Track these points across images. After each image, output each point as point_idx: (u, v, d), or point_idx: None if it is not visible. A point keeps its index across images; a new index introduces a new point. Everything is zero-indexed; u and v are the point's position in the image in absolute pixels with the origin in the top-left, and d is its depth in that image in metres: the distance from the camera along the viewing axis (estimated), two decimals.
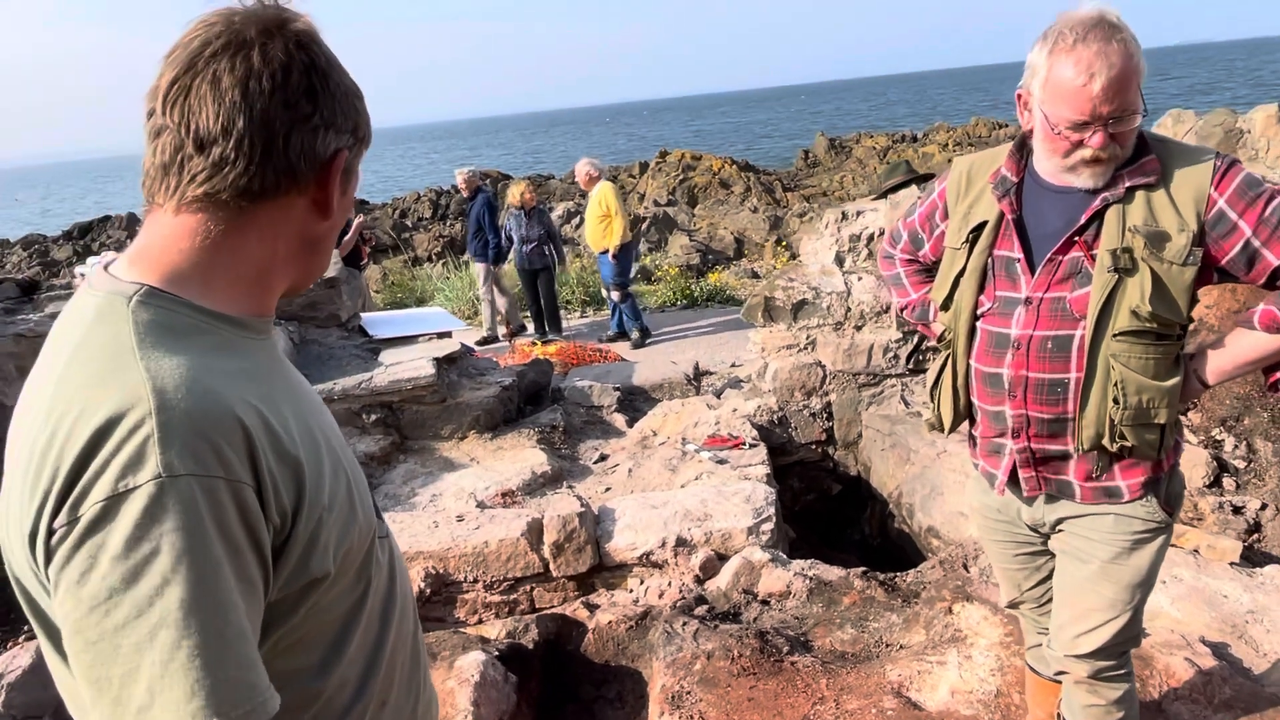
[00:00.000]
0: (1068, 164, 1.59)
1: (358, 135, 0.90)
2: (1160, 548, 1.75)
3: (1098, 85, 1.48)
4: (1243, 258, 1.56)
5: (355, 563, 0.88)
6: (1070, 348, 1.63)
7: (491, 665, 2.77)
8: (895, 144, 27.53)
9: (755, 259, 14.63)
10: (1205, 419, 3.55)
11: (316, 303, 5.25)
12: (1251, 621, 2.72)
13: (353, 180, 0.93)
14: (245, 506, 0.72)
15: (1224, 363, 1.66)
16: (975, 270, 1.74)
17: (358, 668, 0.90)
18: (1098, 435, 1.64)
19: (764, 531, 3.60)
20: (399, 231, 20.09)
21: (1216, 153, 1.61)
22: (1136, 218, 1.57)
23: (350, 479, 0.89)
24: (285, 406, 0.83)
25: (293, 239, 0.88)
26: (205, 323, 0.81)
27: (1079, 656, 1.81)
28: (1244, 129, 5.27)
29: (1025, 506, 1.85)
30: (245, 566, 0.72)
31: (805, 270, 5.10)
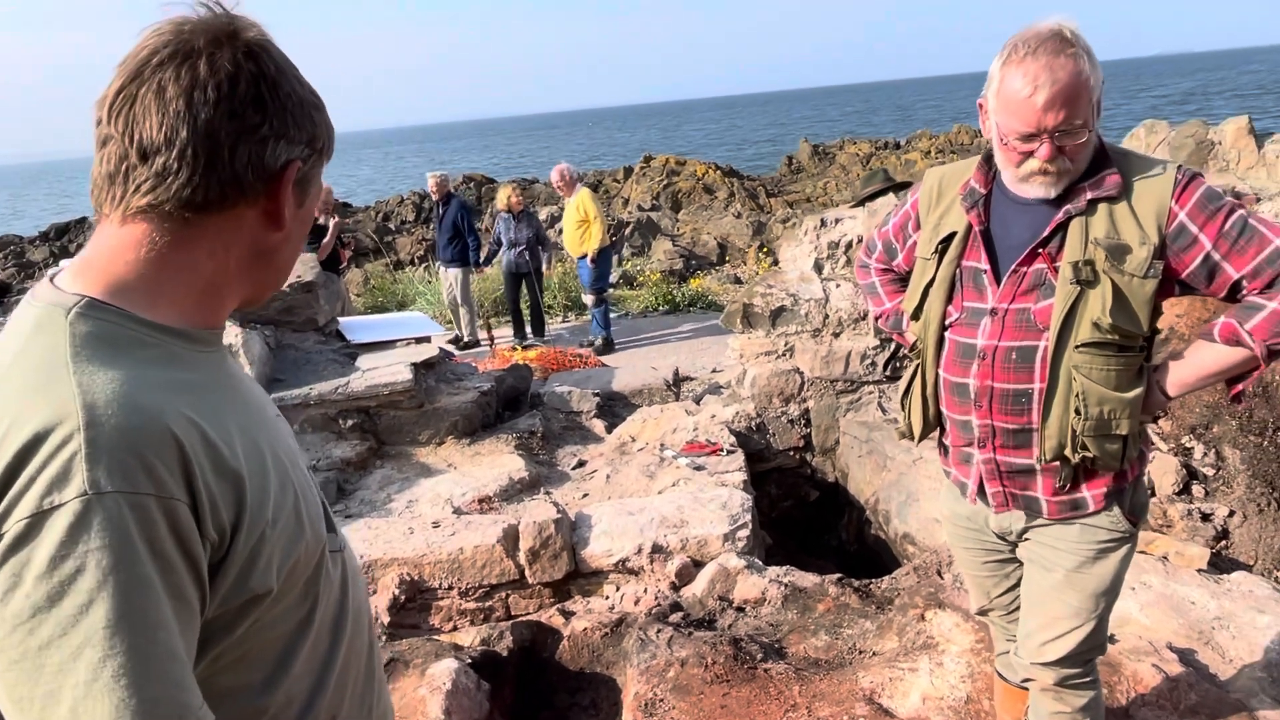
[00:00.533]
0: (1020, 174, 1.61)
1: (314, 146, 0.89)
2: (1125, 556, 1.76)
3: (1041, 98, 1.50)
4: (1203, 270, 1.58)
5: (302, 579, 0.87)
6: (1034, 359, 1.65)
7: (464, 673, 2.75)
8: (878, 150, 27.72)
9: (738, 264, 14.67)
10: (1175, 427, 3.59)
11: (293, 307, 5.21)
12: (1218, 628, 2.75)
13: (311, 191, 0.91)
14: (178, 523, 0.71)
15: (1185, 375, 1.67)
16: (944, 281, 1.76)
17: (305, 683, 0.88)
18: (1060, 446, 1.66)
19: (740, 538, 3.61)
20: (381, 235, 20.01)
21: (1179, 166, 1.62)
22: (1099, 230, 1.59)
23: (299, 494, 0.88)
24: (230, 420, 0.82)
25: (243, 251, 0.86)
26: (149, 335, 0.80)
27: (1045, 664, 1.82)
28: (1215, 140, 5.35)
29: (993, 515, 1.86)
30: (178, 583, 0.71)
31: (784, 277, 5.12)
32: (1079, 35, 1.53)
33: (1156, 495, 3.42)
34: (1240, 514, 3.28)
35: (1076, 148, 1.56)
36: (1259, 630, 2.70)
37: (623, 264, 14.09)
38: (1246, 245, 1.54)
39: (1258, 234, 1.54)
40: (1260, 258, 1.54)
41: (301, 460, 0.97)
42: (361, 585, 1.03)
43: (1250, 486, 3.33)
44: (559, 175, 8.10)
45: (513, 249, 8.27)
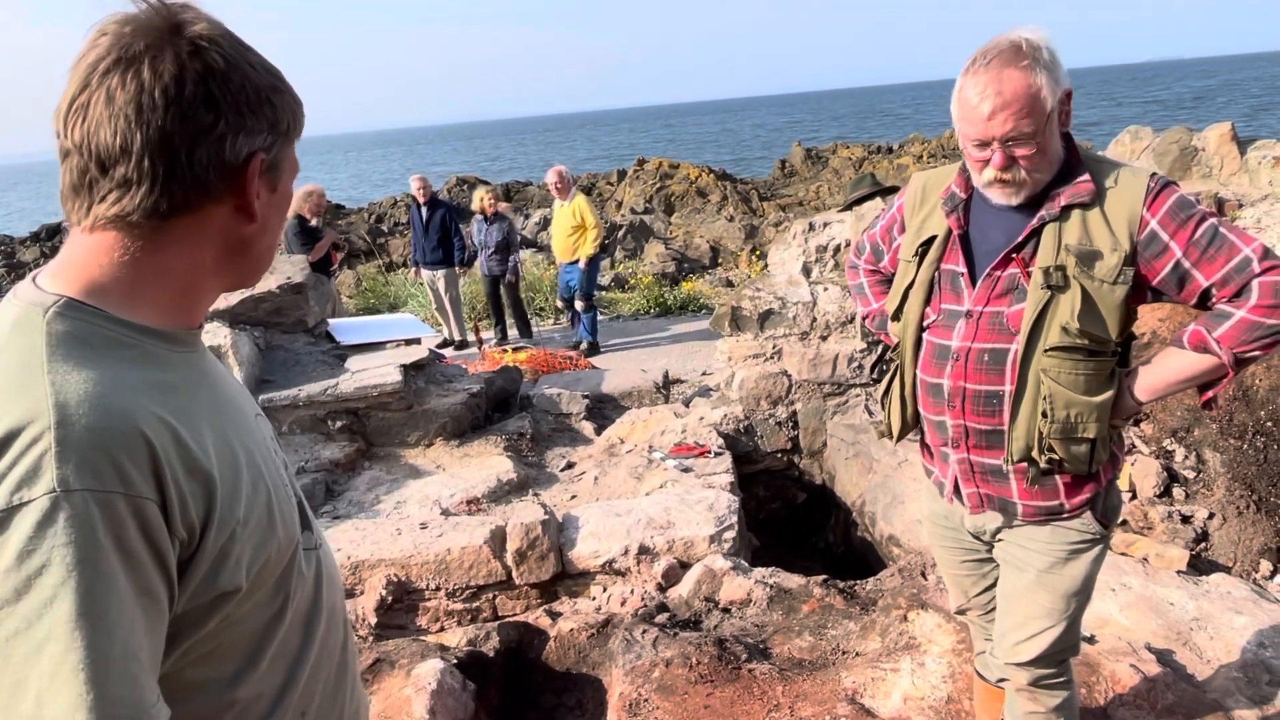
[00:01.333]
0: (981, 182, 1.65)
1: (278, 130, 0.87)
2: (1096, 558, 1.78)
3: (987, 107, 1.54)
4: (1173, 278, 1.60)
5: (273, 576, 0.88)
6: (1005, 361, 1.67)
7: (449, 673, 2.76)
8: (871, 155, 27.81)
9: (730, 268, 14.71)
10: (1156, 430, 3.62)
11: (283, 308, 5.22)
12: (1196, 628, 2.78)
13: (284, 173, 0.91)
14: (147, 521, 0.73)
15: (1155, 381, 1.68)
16: (923, 283, 1.79)
17: (275, 679, 0.90)
18: (1027, 447, 1.68)
19: (726, 539, 3.63)
20: (374, 236, 19.98)
21: (1152, 173, 1.64)
22: (1071, 236, 1.61)
23: (272, 493, 0.89)
24: (203, 420, 0.83)
25: (218, 247, 0.87)
26: (126, 335, 0.81)
27: (1019, 664, 1.85)
28: (1199, 147, 5.40)
29: (968, 515, 1.88)
30: (145, 580, 0.73)
31: (772, 280, 5.15)
32: (1040, 47, 1.55)
33: (1138, 498, 3.46)
34: (1220, 516, 3.31)
35: (1029, 158, 1.58)
36: (1236, 631, 2.74)
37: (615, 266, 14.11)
38: (1216, 254, 1.56)
39: (1227, 243, 1.56)
40: (1229, 266, 1.55)
41: (278, 460, 0.98)
42: (338, 584, 1.05)
43: (1230, 489, 3.36)
44: (556, 177, 8.09)
45: (484, 251, 8.32)
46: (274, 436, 1.04)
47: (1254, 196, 4.83)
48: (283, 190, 0.92)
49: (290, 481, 0.99)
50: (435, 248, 8.39)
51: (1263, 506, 3.31)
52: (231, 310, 5.08)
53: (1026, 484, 1.73)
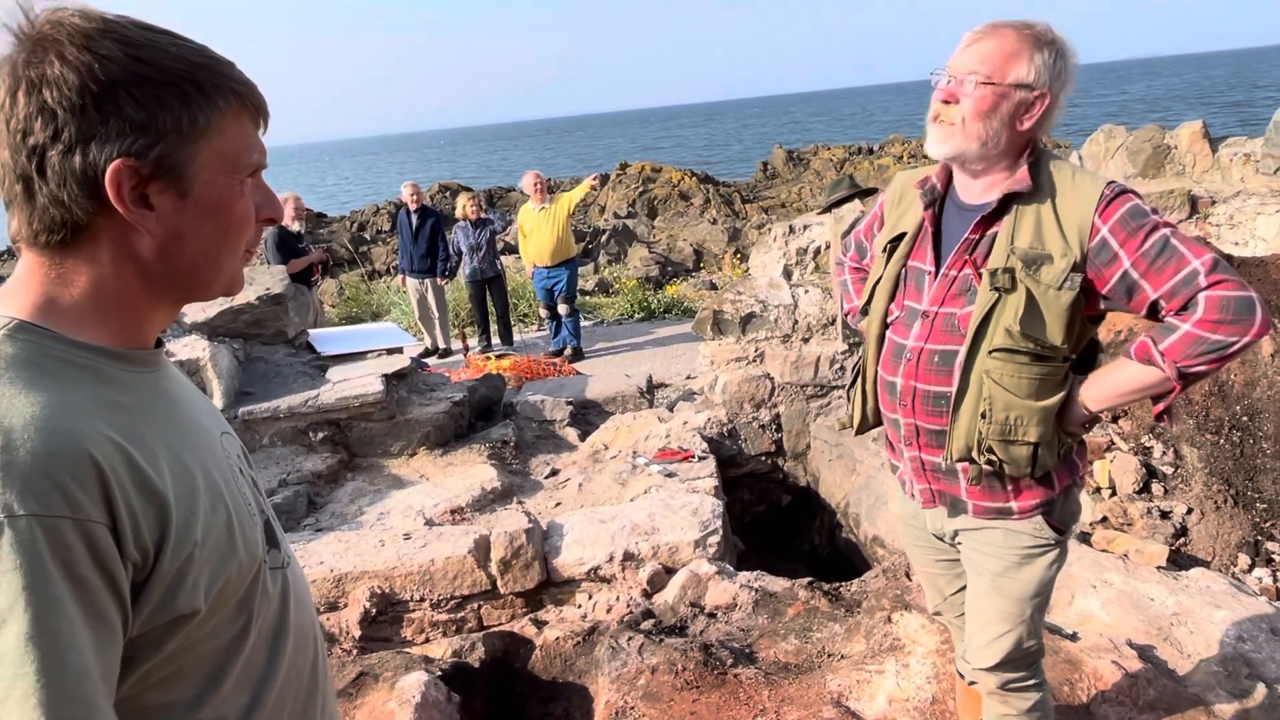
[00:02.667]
0: (929, 115, 1.66)
1: (155, 129, 0.78)
2: (1050, 564, 1.77)
3: (966, 41, 1.59)
4: (1122, 288, 1.57)
5: (235, 596, 0.87)
6: (954, 362, 1.67)
7: (434, 685, 2.75)
8: (852, 156, 27.96)
9: (714, 271, 14.74)
10: (1135, 426, 3.66)
11: (262, 320, 5.18)
12: (1176, 623, 2.80)
13: (195, 176, 0.81)
14: (96, 545, 0.72)
15: (1104, 390, 1.65)
16: (889, 278, 1.79)
17: (240, 700, 0.89)
18: (966, 448, 1.68)
19: (711, 544, 3.63)
20: (356, 245, 19.89)
21: (1109, 181, 1.63)
22: (1023, 240, 1.61)
23: (232, 513, 0.88)
24: (158, 441, 0.82)
25: (131, 265, 0.82)
26: (78, 356, 0.80)
27: (985, 669, 1.85)
28: (1171, 145, 5.46)
29: (929, 515, 1.89)
30: (97, 604, 0.72)
31: (754, 283, 5.17)
32: (1051, 38, 1.58)
33: (1117, 494, 3.49)
34: (1198, 511, 3.34)
35: (969, 103, 1.57)
36: (1215, 625, 2.76)
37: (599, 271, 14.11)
38: (1165, 265, 1.53)
39: (1177, 254, 1.52)
40: (1176, 279, 1.52)
41: (244, 479, 0.96)
42: (307, 603, 1.03)
43: (1207, 484, 3.40)
44: (534, 180, 8.08)
45: (473, 255, 8.29)
46: (243, 454, 1.03)
47: (1226, 193, 4.89)
48: (203, 194, 0.82)
49: (257, 500, 0.97)
50: (425, 255, 8.37)
51: (1239, 501, 3.34)
52: (210, 322, 5.04)
53: (969, 482, 1.72)
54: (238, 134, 0.85)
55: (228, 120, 0.83)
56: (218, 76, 0.83)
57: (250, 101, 0.86)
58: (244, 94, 0.85)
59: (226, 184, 0.85)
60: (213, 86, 0.82)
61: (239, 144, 0.85)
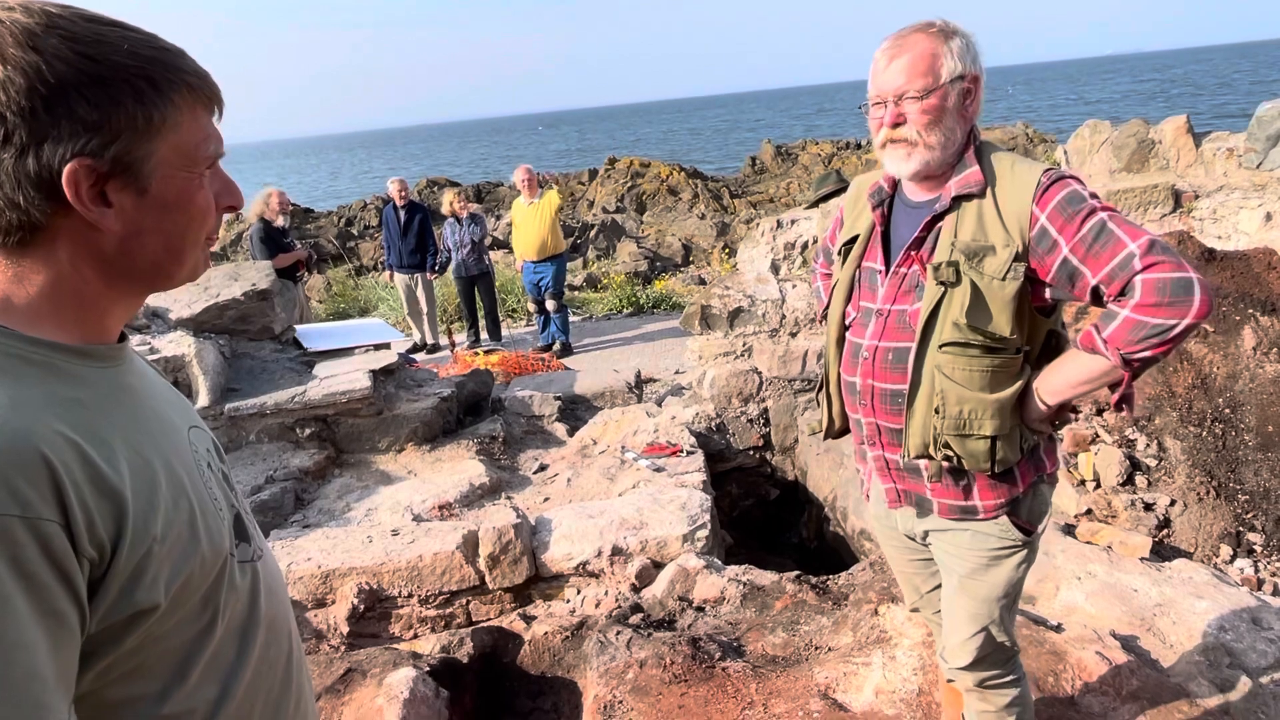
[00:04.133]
0: (878, 145, 1.66)
1: (110, 127, 0.77)
2: (1018, 565, 1.76)
3: (883, 63, 1.58)
4: (1064, 274, 1.56)
5: (199, 592, 0.86)
6: (907, 359, 1.67)
7: (422, 681, 2.74)
8: (840, 150, 28.00)
9: (703, 265, 14.75)
10: (1119, 419, 3.69)
11: (248, 316, 5.15)
12: (1159, 614, 2.83)
13: (153, 176, 0.81)
14: (48, 542, 0.71)
15: (1057, 382, 1.63)
16: (844, 281, 1.80)
17: (207, 695, 0.88)
18: (923, 444, 1.68)
19: (699, 538, 3.64)
20: (343, 240, 19.79)
21: (1047, 168, 1.60)
22: (966, 232, 1.60)
23: (195, 508, 0.87)
24: (117, 436, 0.81)
25: (94, 263, 0.82)
26: (33, 353, 0.79)
27: (961, 668, 1.86)
28: (1155, 139, 5.49)
29: (900, 516, 1.89)
30: (49, 601, 0.71)
31: (741, 278, 5.17)
32: (953, 27, 1.60)
33: (1101, 486, 3.52)
34: (1181, 503, 3.37)
35: (919, 116, 1.57)
36: (1198, 616, 2.79)
37: (587, 266, 14.10)
38: (1101, 250, 1.50)
39: (1114, 237, 1.49)
40: (1114, 262, 1.49)
41: (211, 473, 0.96)
42: (280, 596, 1.03)
43: (1190, 476, 3.43)
44: (525, 174, 8.06)
45: (460, 251, 8.27)
46: (214, 448, 1.02)
47: (1210, 188, 4.92)
48: (163, 190, 0.82)
49: (225, 494, 0.97)
50: (414, 251, 8.33)
51: (1222, 492, 3.38)
52: (196, 318, 5.01)
53: (929, 479, 1.72)
54: (194, 126, 0.84)
55: (183, 113, 0.82)
56: (170, 70, 0.81)
57: (204, 92, 0.84)
58: (197, 85, 0.83)
59: (186, 178, 0.84)
60: (166, 81, 0.80)
61: (195, 136, 0.84)
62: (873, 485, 1.92)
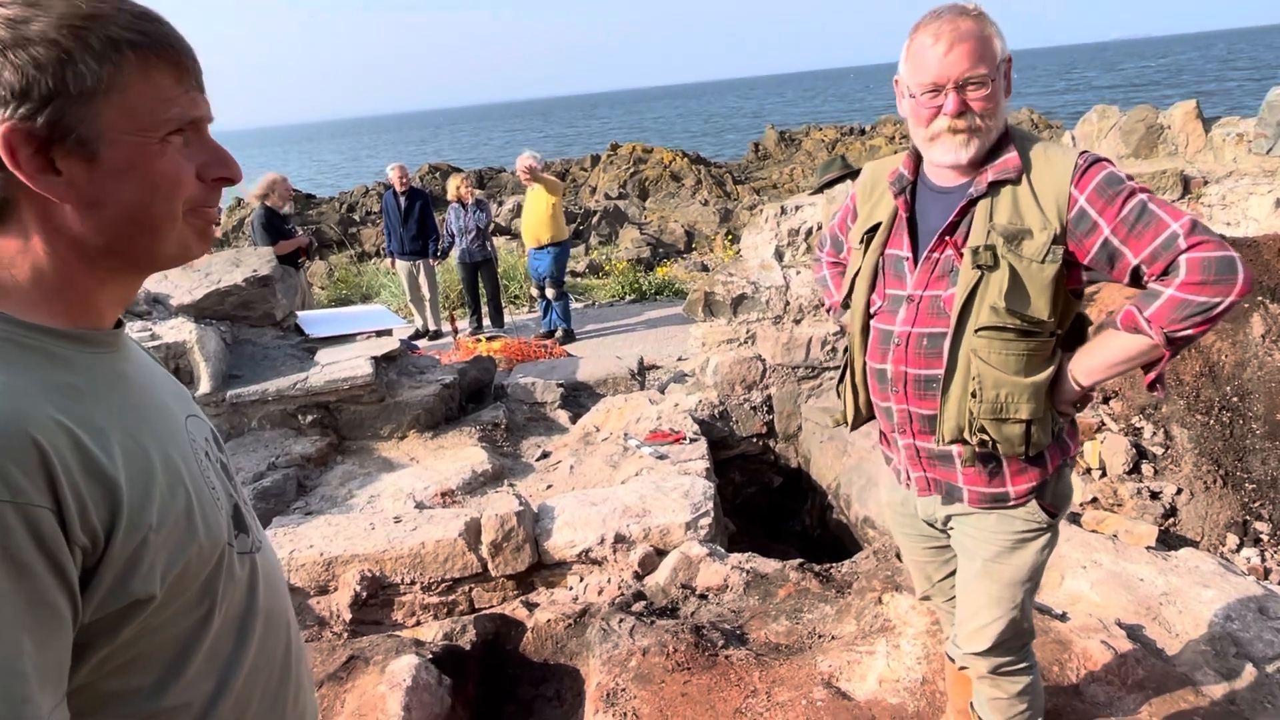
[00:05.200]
0: (930, 134, 1.63)
1: (39, 93, 0.73)
2: (1043, 547, 1.77)
3: (943, 47, 1.54)
4: (1103, 256, 1.57)
5: (196, 582, 0.85)
6: (942, 344, 1.66)
7: (425, 668, 2.74)
8: (844, 136, 27.85)
9: (705, 252, 14.70)
10: (1125, 407, 3.66)
11: (250, 302, 5.12)
12: (1165, 603, 2.82)
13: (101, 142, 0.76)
14: (40, 529, 0.70)
15: (1093, 363, 1.65)
16: (868, 269, 1.79)
17: (204, 687, 0.87)
18: (958, 428, 1.67)
19: (702, 526, 3.63)
20: (345, 226, 19.74)
21: (1082, 151, 1.63)
22: (1001, 216, 1.60)
23: (193, 497, 0.86)
24: (112, 424, 0.80)
25: (63, 237, 0.79)
26: (26, 337, 0.78)
27: (976, 653, 1.85)
28: (1164, 125, 5.44)
29: (921, 502, 1.89)
30: (40, 590, 0.70)
31: (745, 265, 5.14)
32: (981, 9, 1.58)
33: (1107, 474, 3.50)
34: (1188, 491, 3.35)
35: (982, 102, 1.57)
36: (1204, 605, 2.77)
37: (590, 252, 14.05)
38: (1144, 230, 1.52)
39: (1155, 218, 1.52)
40: (1156, 242, 1.52)
41: (210, 462, 0.94)
42: (279, 587, 1.01)
43: (1197, 464, 3.40)
44: (529, 162, 8.03)
45: (464, 237, 8.23)
46: (212, 438, 1.01)
47: (1219, 174, 4.88)
48: (113, 157, 0.78)
49: (224, 484, 0.95)
50: (415, 237, 8.29)
51: (1229, 481, 3.35)
52: (197, 304, 4.99)
53: (962, 465, 1.72)
54: (146, 89, 0.79)
55: (131, 74, 0.78)
56: (114, 29, 0.77)
57: (160, 53, 0.80)
58: (149, 45, 0.79)
59: (138, 143, 0.79)
60: (106, 40, 0.76)
61: (149, 99, 0.79)
62: (897, 472, 1.90)
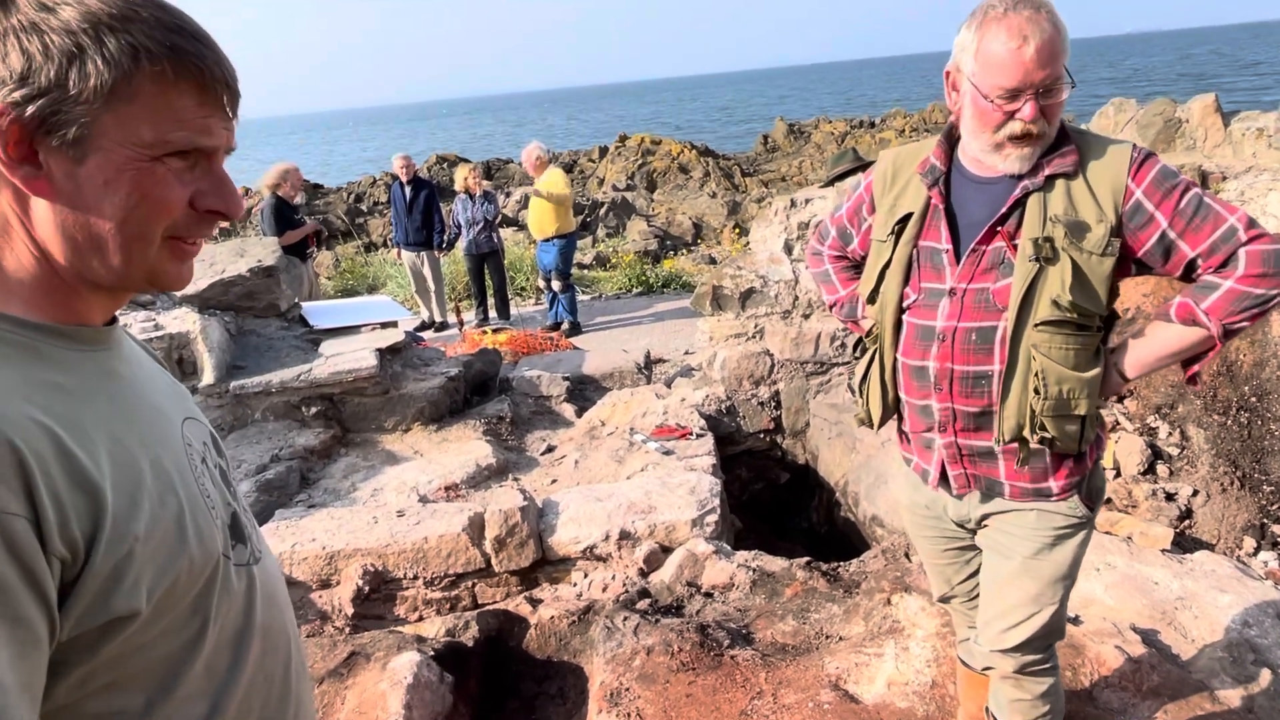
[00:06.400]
0: (997, 139, 1.56)
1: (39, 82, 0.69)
2: (1081, 542, 1.75)
3: (1030, 49, 1.47)
4: (1159, 249, 1.57)
5: (187, 597, 0.80)
6: (994, 339, 1.62)
7: (426, 666, 2.70)
8: (853, 129, 27.68)
9: (713, 245, 14.62)
10: (1141, 407, 3.60)
11: (254, 293, 5.09)
12: (1180, 608, 2.76)
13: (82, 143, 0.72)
14: (12, 539, 0.65)
15: (1143, 355, 1.66)
16: (901, 262, 1.72)
17: (198, 707, 0.82)
18: (1019, 426, 1.64)
19: (708, 523, 3.58)
20: (352, 216, 19.72)
21: (1134, 145, 1.61)
22: (1057, 207, 1.57)
23: (184, 506, 0.80)
24: (99, 426, 0.75)
25: (39, 229, 0.75)
26: (12, 333, 0.73)
27: (1004, 651, 1.81)
28: (1182, 119, 5.35)
29: (952, 502, 1.84)
30: (14, 605, 0.65)
31: (754, 258, 5.08)
32: (1051, 3, 1.52)
33: (1122, 475, 3.43)
34: (1204, 493, 3.29)
35: (1054, 109, 1.54)
36: (1220, 610, 2.72)
37: (597, 245, 13.99)
38: (1202, 223, 1.53)
39: (1213, 212, 1.53)
40: (1215, 236, 1.52)
41: (205, 469, 0.89)
42: (279, 601, 0.96)
43: (1214, 466, 3.34)
44: (532, 154, 7.98)
45: (471, 228, 8.19)
46: (211, 442, 0.95)
47: (1237, 169, 4.79)
48: (102, 165, 0.73)
49: (221, 492, 0.90)
50: (420, 228, 8.24)
51: (1246, 483, 3.29)
52: (201, 295, 4.96)
53: (1016, 465, 1.69)
54: (156, 104, 0.74)
55: (141, 87, 0.73)
56: (136, 34, 0.72)
57: (187, 74, 0.74)
58: (175, 63, 0.73)
59: (130, 157, 0.74)
60: (128, 46, 0.71)
61: (156, 115, 0.74)
62: (924, 473, 1.84)
